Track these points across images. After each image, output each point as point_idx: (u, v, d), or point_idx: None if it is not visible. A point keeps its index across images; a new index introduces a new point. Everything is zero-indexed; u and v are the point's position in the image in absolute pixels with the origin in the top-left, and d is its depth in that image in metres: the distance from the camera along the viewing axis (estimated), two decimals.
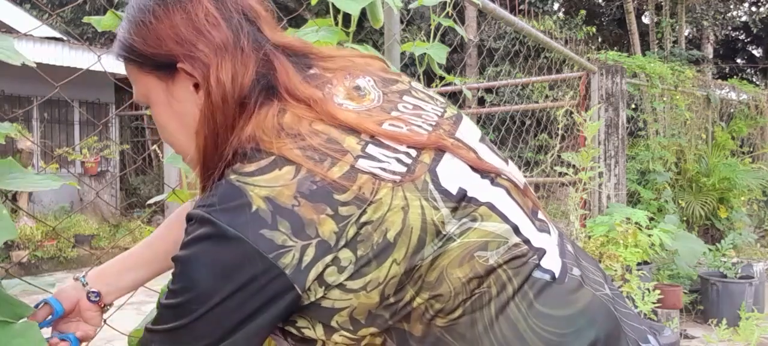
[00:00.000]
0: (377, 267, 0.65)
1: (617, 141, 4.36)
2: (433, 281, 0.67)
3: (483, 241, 0.69)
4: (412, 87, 0.82)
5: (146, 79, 0.78)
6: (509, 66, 8.17)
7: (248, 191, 0.65)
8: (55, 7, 11.23)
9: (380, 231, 0.64)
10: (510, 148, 6.58)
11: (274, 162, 0.67)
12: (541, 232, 0.76)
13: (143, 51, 0.75)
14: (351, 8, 1.27)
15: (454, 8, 1.75)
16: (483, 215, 0.70)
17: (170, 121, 0.78)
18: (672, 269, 4.65)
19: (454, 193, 0.69)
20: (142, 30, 0.75)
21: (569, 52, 4.00)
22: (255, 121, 0.71)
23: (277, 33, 0.79)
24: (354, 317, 0.67)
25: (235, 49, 0.73)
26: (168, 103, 0.77)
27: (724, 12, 14.00)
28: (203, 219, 0.66)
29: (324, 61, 0.80)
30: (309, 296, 0.65)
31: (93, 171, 8.74)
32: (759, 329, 3.47)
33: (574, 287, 0.72)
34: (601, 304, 0.72)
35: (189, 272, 0.66)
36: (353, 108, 0.73)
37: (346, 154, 0.67)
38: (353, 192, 0.65)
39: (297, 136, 0.68)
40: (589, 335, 0.68)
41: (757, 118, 7.78)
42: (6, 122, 0.91)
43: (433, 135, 0.73)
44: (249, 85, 0.72)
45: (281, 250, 0.63)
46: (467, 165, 0.73)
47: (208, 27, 0.73)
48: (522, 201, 0.76)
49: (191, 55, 0.73)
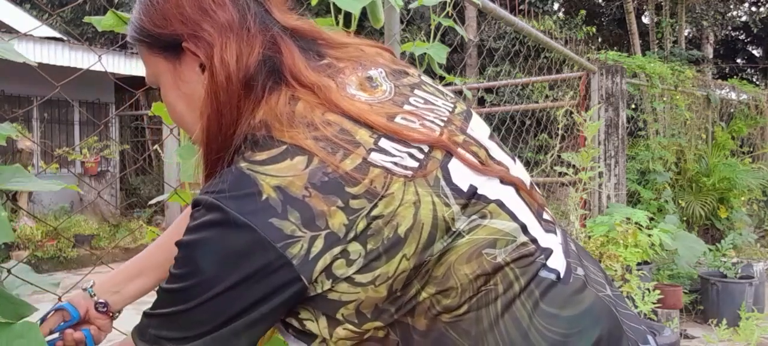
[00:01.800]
0: (387, 262, 0.64)
1: (617, 141, 4.36)
2: (440, 276, 0.66)
3: (492, 238, 0.69)
4: (423, 81, 0.81)
5: (155, 60, 0.78)
6: (509, 66, 8.17)
7: (259, 179, 0.64)
8: (55, 7, 11.22)
9: (391, 226, 0.64)
10: (510, 148, 6.57)
11: (286, 151, 0.66)
12: (547, 232, 0.76)
13: (151, 31, 0.76)
14: (352, 7, 1.27)
15: (454, 8, 1.75)
16: (492, 212, 0.70)
17: (178, 102, 0.78)
18: (672, 269, 4.65)
19: (464, 190, 0.69)
20: (150, 10, 0.75)
21: (569, 52, 4.00)
22: (266, 107, 0.70)
23: (286, 15, 0.77)
24: (360, 311, 0.66)
25: (240, 29, 0.72)
26: (175, 84, 0.77)
27: (724, 12, 14.00)
28: (211, 205, 0.65)
29: (335, 50, 0.79)
30: (315, 287, 0.65)
31: (93, 171, 8.74)
32: (759, 329, 3.47)
33: (579, 287, 0.72)
34: (604, 305, 0.73)
35: (194, 257, 0.65)
36: (366, 99, 0.72)
37: (358, 146, 0.66)
38: (365, 185, 0.64)
39: (310, 126, 0.67)
40: (593, 335, 0.69)
41: (757, 118, 7.78)
42: (6, 123, 0.91)
43: (446, 132, 0.72)
44: (254, 66, 0.71)
45: (290, 240, 0.62)
46: (479, 161, 0.72)
47: (213, 6, 0.72)
48: (529, 200, 0.76)
49: (195, 35, 0.72)
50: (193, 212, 0.67)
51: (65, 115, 9.01)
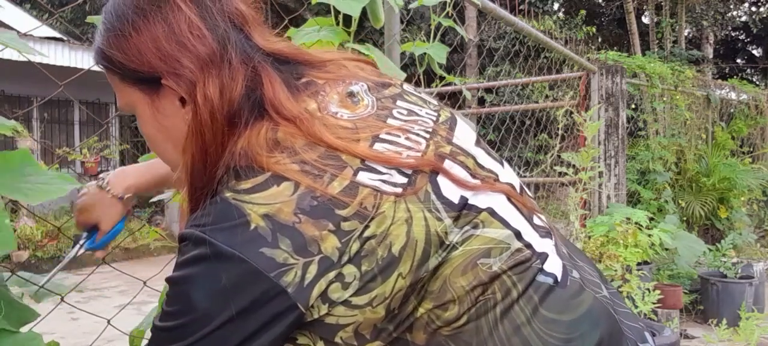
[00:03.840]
0: (383, 282, 0.63)
1: (617, 141, 4.36)
2: (437, 291, 0.65)
3: (486, 248, 0.68)
4: (405, 90, 0.80)
5: (130, 91, 0.74)
6: (509, 66, 8.17)
7: (246, 209, 0.62)
8: (55, 7, 11.22)
9: (384, 245, 0.63)
10: (510, 148, 6.58)
11: (270, 178, 0.64)
12: (542, 237, 0.75)
13: (125, 64, 0.71)
14: (352, 9, 1.27)
15: (454, 8, 1.75)
16: (484, 221, 0.69)
17: (157, 134, 0.76)
18: (672, 269, 4.66)
19: (455, 202, 0.68)
20: (122, 42, 0.71)
21: (569, 52, 4.00)
22: (247, 136, 0.68)
23: (267, 38, 0.75)
24: (359, 332, 0.65)
25: (221, 63, 0.69)
26: (153, 116, 0.74)
27: (724, 12, 14.00)
28: (198, 239, 0.63)
29: (316, 69, 0.77)
30: (312, 313, 0.63)
31: (93, 171, 8.73)
32: (759, 329, 3.47)
33: (576, 290, 0.72)
34: (602, 306, 0.72)
35: (186, 293, 0.63)
36: (349, 117, 0.70)
37: (345, 167, 0.65)
38: (354, 207, 0.62)
39: (292, 152, 0.65)
40: (593, 338, 0.68)
41: (757, 118, 7.78)
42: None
43: (432, 144, 0.71)
44: (238, 100, 0.68)
45: (283, 268, 0.61)
46: (468, 173, 0.72)
47: (192, 40, 0.69)
48: (520, 206, 0.75)
49: (176, 72, 0.69)
50: (180, 247, 0.65)
51: (65, 115, 9.01)
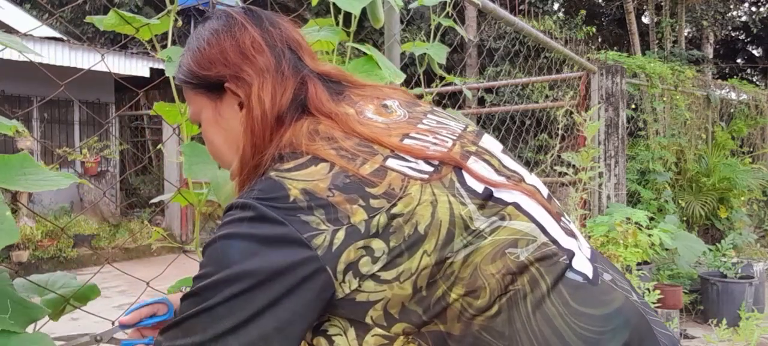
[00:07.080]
0: (409, 258, 0.69)
1: (617, 141, 4.36)
2: (467, 277, 0.70)
3: (513, 238, 0.73)
4: (434, 109, 0.91)
5: (199, 99, 0.88)
6: (509, 66, 8.17)
7: (287, 183, 0.71)
8: (55, 7, 11.21)
9: (411, 224, 0.69)
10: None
11: (310, 160, 0.73)
12: (567, 236, 0.79)
13: (198, 73, 0.86)
14: (352, 7, 1.27)
15: (454, 8, 1.75)
16: (510, 215, 0.75)
17: (217, 136, 0.88)
18: (672, 268, 4.66)
19: (480, 191, 0.74)
20: (197, 55, 0.86)
21: (569, 52, 4.00)
22: (291, 130, 0.78)
23: (317, 63, 0.88)
24: (388, 311, 0.70)
25: (276, 73, 0.82)
26: (216, 120, 0.87)
27: (724, 12, 13.99)
28: (244, 205, 0.71)
29: (356, 89, 0.89)
30: (343, 288, 0.69)
31: (93, 171, 8.74)
32: (759, 329, 3.47)
33: (608, 289, 0.76)
34: (634, 307, 0.76)
35: (222, 250, 0.70)
36: (382, 121, 0.81)
37: (376, 154, 0.74)
38: (383, 187, 0.71)
39: (331, 139, 0.76)
40: (624, 334, 0.72)
41: (757, 118, 7.79)
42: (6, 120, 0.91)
43: (458, 144, 0.80)
44: (287, 104, 0.80)
45: (314, 232, 0.68)
46: (493, 170, 0.79)
47: (253, 52, 0.83)
48: (546, 205, 0.80)
49: (237, 76, 0.83)
50: (224, 216, 0.73)
51: (65, 115, 9.01)
